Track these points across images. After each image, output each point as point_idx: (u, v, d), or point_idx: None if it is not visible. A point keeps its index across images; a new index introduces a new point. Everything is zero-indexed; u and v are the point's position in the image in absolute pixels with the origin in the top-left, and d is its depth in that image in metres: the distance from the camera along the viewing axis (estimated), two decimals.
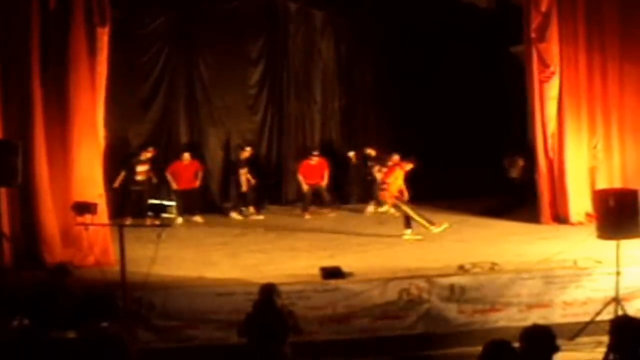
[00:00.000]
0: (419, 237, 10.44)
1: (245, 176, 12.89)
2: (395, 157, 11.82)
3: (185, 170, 12.56)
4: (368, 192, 13.17)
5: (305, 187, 12.96)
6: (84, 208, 8.20)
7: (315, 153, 13.13)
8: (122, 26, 10.45)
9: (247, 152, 13.05)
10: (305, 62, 14.16)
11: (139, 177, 12.20)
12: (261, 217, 12.94)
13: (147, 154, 12.32)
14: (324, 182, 13.00)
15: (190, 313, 7.89)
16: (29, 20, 9.08)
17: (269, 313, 6.19)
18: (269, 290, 6.31)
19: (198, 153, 13.56)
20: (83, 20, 9.30)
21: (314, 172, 13.00)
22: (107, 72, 9.49)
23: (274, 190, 13.99)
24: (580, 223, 10.91)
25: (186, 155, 12.64)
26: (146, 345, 7.46)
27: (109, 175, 10.73)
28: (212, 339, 7.86)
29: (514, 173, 13.60)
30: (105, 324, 6.70)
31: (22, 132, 9.08)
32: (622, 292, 7.87)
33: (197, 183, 12.65)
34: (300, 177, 13.02)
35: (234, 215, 12.83)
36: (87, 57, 9.31)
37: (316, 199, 13.02)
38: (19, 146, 8.46)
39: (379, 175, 12.42)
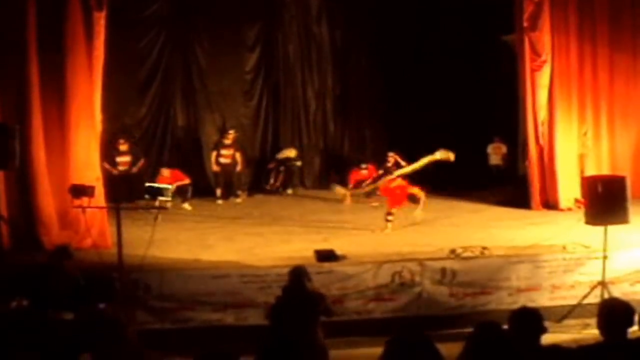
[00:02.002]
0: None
1: (216, 158, 12.94)
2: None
3: (169, 182, 12.27)
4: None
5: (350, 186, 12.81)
6: (81, 191, 8.26)
7: (364, 166, 12.95)
8: (119, 11, 10.45)
9: (230, 136, 13.05)
10: (301, 48, 14.23)
11: (120, 168, 12.34)
12: (238, 200, 13.04)
13: (123, 147, 12.30)
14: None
15: (187, 295, 7.99)
16: (26, 4, 9.06)
17: (299, 296, 6.13)
18: (299, 274, 6.24)
19: (194, 139, 13.69)
20: (80, 4, 9.27)
21: (363, 179, 12.80)
22: (104, 56, 9.53)
23: (269, 176, 14.10)
24: (569, 209, 11.07)
25: (164, 172, 12.38)
26: (143, 327, 7.56)
27: None
28: (208, 320, 7.97)
29: (496, 160, 13.80)
30: (102, 306, 6.80)
31: (19, 115, 9.09)
32: (609, 276, 8.03)
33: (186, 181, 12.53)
34: (351, 185, 12.77)
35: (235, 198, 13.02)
36: (84, 41, 9.31)
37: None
38: (17, 130, 8.50)
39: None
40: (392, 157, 12.47)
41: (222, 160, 13.01)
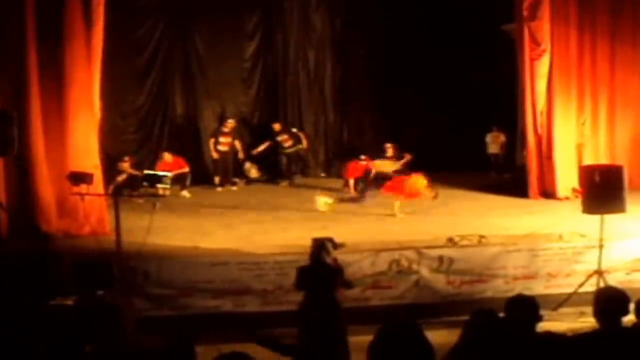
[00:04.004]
0: None
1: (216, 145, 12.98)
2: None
3: (170, 168, 11.96)
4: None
5: (350, 182, 12.71)
6: (80, 178, 8.30)
7: (363, 157, 12.81)
8: None
9: (229, 124, 13.06)
10: (300, 37, 14.20)
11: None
12: (235, 188, 13.06)
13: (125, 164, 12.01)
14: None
15: (185, 282, 8.02)
16: None
17: (317, 267, 6.56)
18: (318, 247, 6.69)
19: (193, 127, 13.69)
20: None
21: (360, 170, 12.71)
22: (102, 44, 9.52)
23: (267, 163, 14.11)
24: (567, 198, 11.10)
25: (167, 156, 12.40)
26: (141, 314, 7.60)
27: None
28: (206, 307, 8.01)
29: (495, 149, 13.83)
30: (101, 292, 6.82)
31: (18, 103, 9.09)
32: (605, 265, 8.06)
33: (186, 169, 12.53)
34: (350, 180, 12.66)
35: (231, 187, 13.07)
36: (82, 28, 9.31)
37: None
38: (15, 117, 8.50)
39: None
40: (389, 149, 12.49)
41: (221, 147, 13.02)
